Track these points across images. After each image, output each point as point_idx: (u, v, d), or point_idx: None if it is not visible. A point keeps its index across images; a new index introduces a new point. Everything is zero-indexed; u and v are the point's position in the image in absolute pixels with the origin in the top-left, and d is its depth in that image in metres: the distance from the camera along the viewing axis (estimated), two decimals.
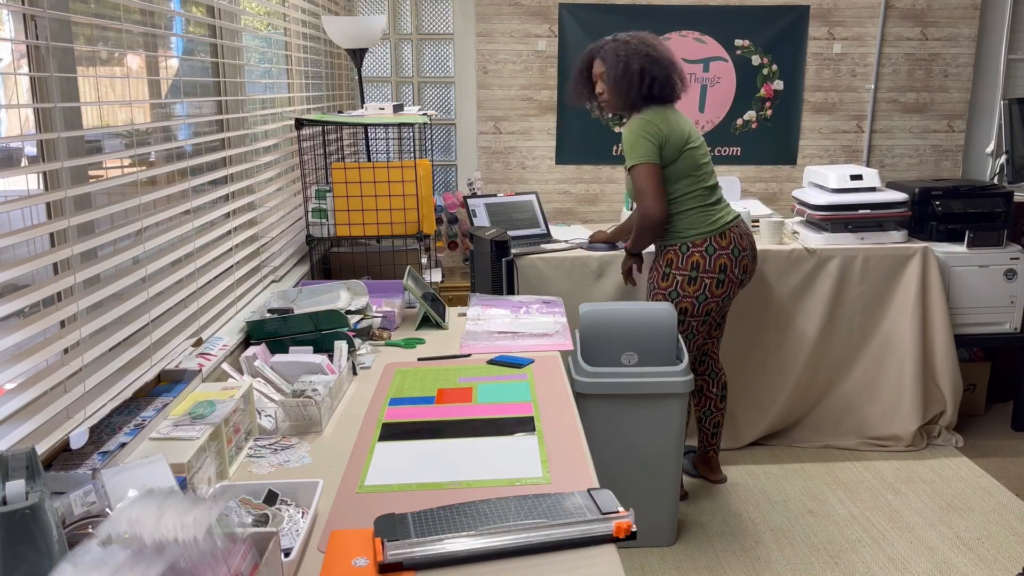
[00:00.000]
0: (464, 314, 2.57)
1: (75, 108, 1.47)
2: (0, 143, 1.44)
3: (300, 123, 2.69)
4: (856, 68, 4.07)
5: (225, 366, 1.89)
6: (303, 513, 1.36)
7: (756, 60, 4.03)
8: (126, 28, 1.64)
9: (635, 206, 2.84)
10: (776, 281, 3.38)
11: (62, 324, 1.43)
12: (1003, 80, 4.13)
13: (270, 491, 1.39)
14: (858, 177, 3.47)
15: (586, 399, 2.59)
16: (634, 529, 1.30)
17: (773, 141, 4.13)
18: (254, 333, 2.12)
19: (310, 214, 2.74)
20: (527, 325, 2.40)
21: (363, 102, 3.31)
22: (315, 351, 2.06)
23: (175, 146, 1.94)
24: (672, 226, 2.81)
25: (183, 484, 1.32)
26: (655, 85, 2.77)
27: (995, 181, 4.07)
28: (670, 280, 2.80)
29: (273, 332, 2.11)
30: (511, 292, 2.95)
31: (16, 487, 1.00)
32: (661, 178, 2.74)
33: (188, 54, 2.16)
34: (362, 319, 2.30)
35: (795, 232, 3.60)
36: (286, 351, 2.06)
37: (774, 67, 4.05)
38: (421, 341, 2.34)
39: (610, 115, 3.05)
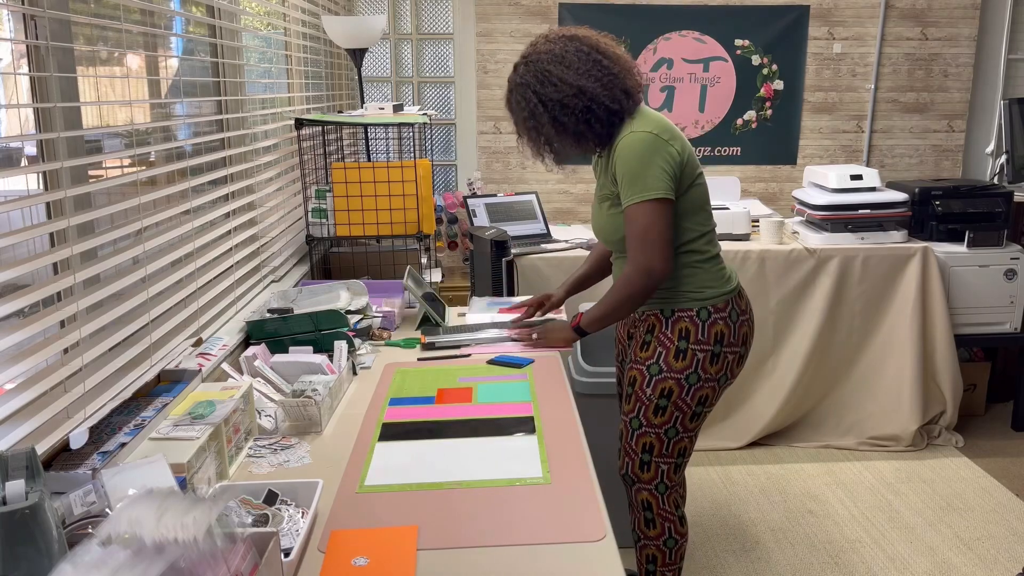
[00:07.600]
0: (464, 314, 2.57)
1: (75, 108, 1.47)
2: (0, 143, 1.43)
3: (300, 123, 2.68)
4: (856, 68, 4.07)
5: (225, 366, 1.89)
6: (303, 513, 1.36)
7: (756, 60, 4.03)
8: (126, 28, 1.64)
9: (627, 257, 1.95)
10: (776, 281, 3.38)
11: (62, 324, 1.43)
12: (1003, 80, 4.13)
13: (270, 491, 1.39)
14: (858, 177, 3.47)
15: (586, 399, 2.59)
16: None
17: (773, 141, 4.13)
18: (254, 333, 2.12)
19: (310, 214, 2.74)
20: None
21: (363, 102, 3.31)
22: (315, 351, 2.05)
23: (175, 146, 1.94)
24: (682, 284, 1.99)
25: (183, 484, 1.32)
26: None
27: (995, 181, 4.06)
28: (688, 359, 1.96)
29: (273, 332, 2.11)
30: (511, 292, 2.94)
31: (16, 487, 1.00)
32: (672, 222, 1.94)
33: (188, 54, 2.16)
34: (362, 319, 2.30)
35: (795, 232, 3.60)
36: (286, 351, 2.06)
37: (774, 67, 4.04)
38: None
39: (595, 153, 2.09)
